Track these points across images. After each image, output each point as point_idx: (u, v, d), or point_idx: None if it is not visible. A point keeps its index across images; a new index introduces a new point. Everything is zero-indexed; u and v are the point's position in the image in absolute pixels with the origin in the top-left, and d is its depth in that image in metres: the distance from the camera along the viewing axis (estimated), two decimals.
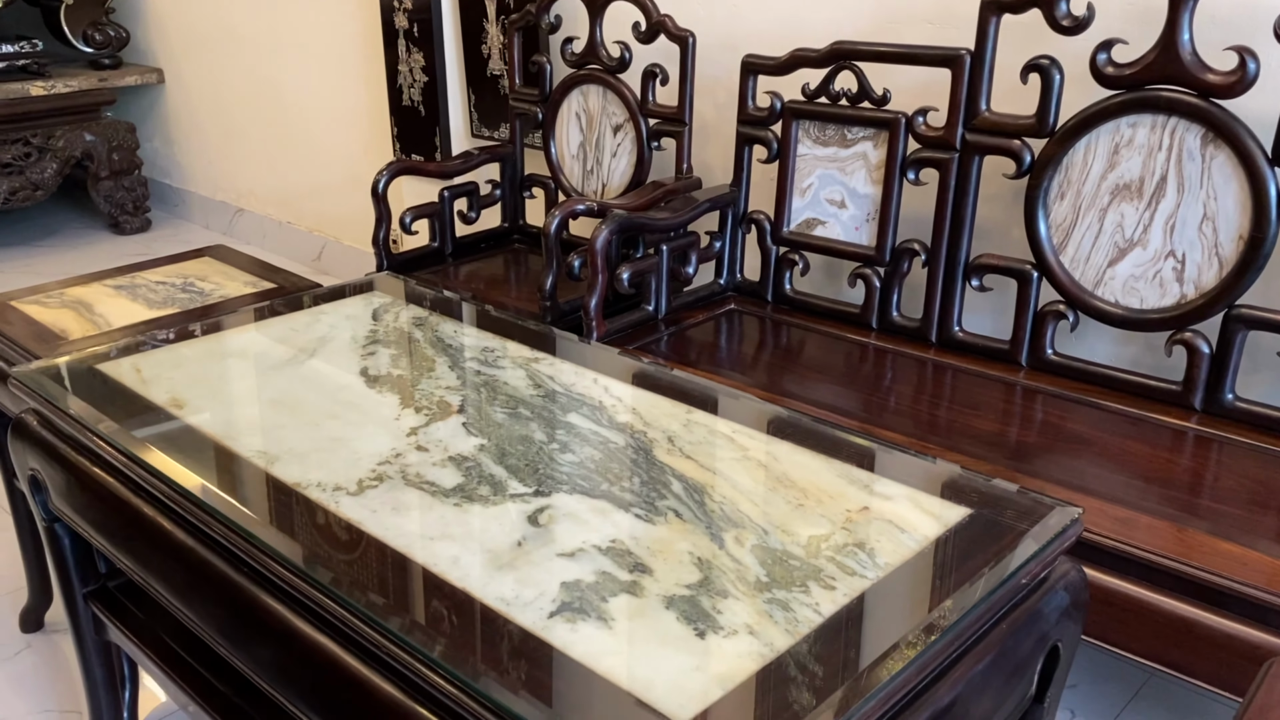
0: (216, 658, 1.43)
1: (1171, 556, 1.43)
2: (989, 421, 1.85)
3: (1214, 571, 1.40)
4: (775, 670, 0.88)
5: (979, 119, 1.96)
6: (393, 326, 1.64)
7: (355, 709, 0.98)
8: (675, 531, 1.08)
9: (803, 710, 0.83)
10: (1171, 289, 1.82)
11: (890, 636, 0.91)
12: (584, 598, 0.97)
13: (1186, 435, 1.79)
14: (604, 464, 1.21)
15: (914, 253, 2.10)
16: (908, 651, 0.89)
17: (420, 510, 1.12)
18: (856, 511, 1.11)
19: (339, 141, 3.72)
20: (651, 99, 2.45)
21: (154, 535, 1.23)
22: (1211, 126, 1.72)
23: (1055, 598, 1.08)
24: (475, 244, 2.76)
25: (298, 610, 1.05)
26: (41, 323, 1.77)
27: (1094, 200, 1.87)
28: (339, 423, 1.32)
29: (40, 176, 4.16)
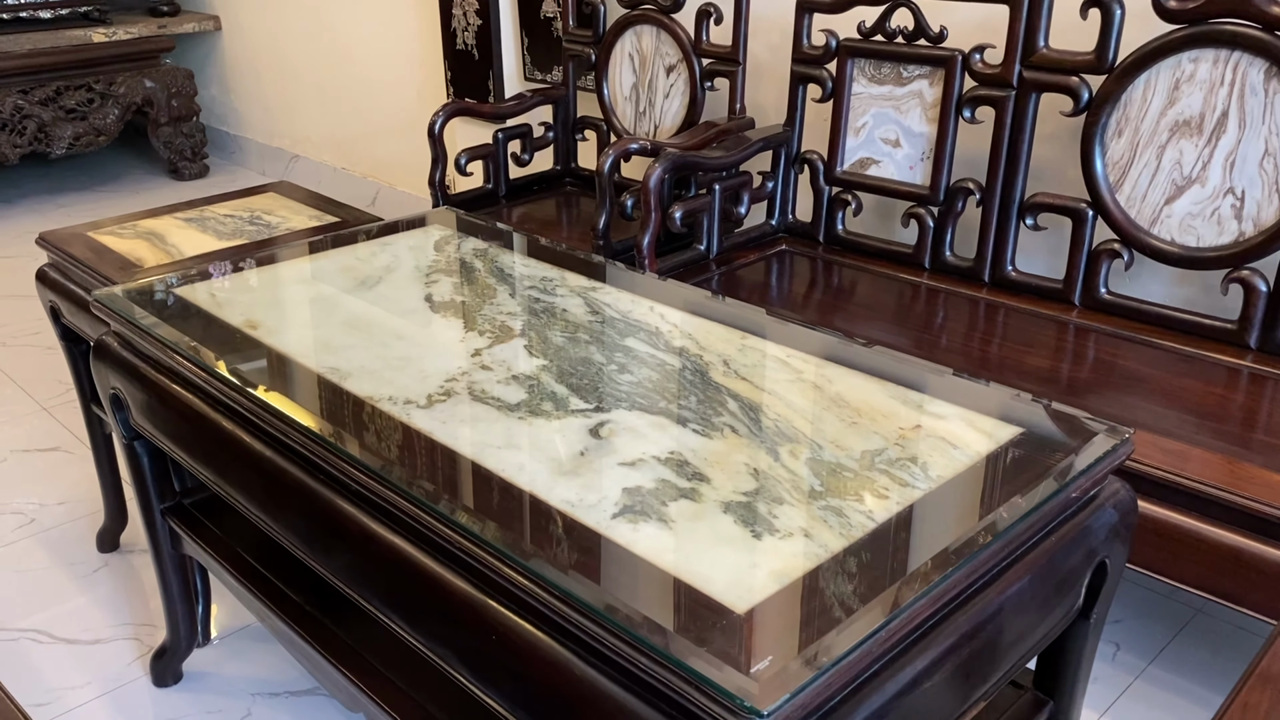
0: (287, 568, 1.51)
1: (1222, 487, 1.44)
2: (1042, 359, 1.86)
3: (1265, 502, 1.41)
4: (829, 569, 0.92)
5: (1037, 56, 1.95)
6: (453, 257, 1.68)
7: (429, 604, 1.04)
8: (731, 445, 1.11)
9: (855, 605, 0.87)
10: (1230, 226, 1.81)
11: (941, 542, 0.95)
12: (645, 502, 1.01)
13: (1241, 373, 1.79)
14: (661, 384, 1.25)
15: (969, 192, 2.10)
16: (956, 556, 0.92)
17: (487, 422, 1.17)
18: (909, 429, 1.14)
19: (393, 87, 3.76)
20: (705, 39, 2.45)
21: (233, 447, 1.29)
22: (1276, 61, 1.70)
23: (1104, 515, 1.11)
24: (528, 186, 2.80)
25: (372, 514, 1.10)
26: (117, 252, 1.84)
27: (1152, 137, 1.85)
28: (406, 344, 1.36)
29: (103, 122, 4.25)
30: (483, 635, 0.98)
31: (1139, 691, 1.75)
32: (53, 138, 4.13)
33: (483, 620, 0.98)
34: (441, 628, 1.03)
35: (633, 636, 0.84)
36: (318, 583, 1.47)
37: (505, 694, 0.97)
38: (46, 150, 4.14)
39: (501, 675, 0.97)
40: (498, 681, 0.97)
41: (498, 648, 0.96)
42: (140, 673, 1.80)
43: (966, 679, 0.96)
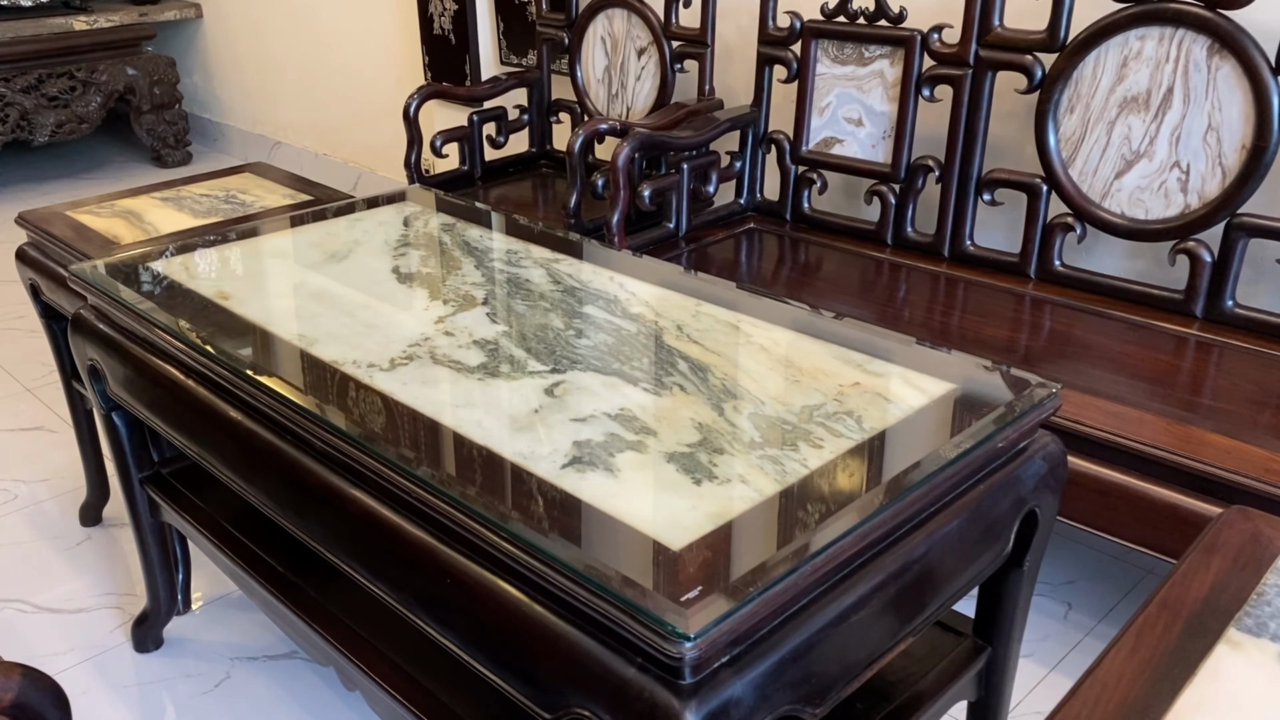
0: (262, 534, 1.56)
1: (1161, 447, 1.50)
2: (999, 330, 1.92)
3: (1203, 460, 1.47)
4: (762, 511, 0.98)
5: (992, 35, 2.01)
6: (422, 232, 1.73)
7: (390, 554, 1.09)
8: (679, 402, 1.17)
9: (783, 543, 0.92)
10: (1176, 199, 1.87)
11: (871, 488, 1.00)
12: (593, 453, 1.07)
13: (1188, 341, 1.85)
14: (616, 347, 1.30)
15: (928, 169, 2.15)
16: (880, 499, 0.98)
17: (447, 384, 1.22)
18: (849, 386, 1.20)
19: (373, 73, 3.80)
20: (675, 21, 2.50)
21: (206, 413, 1.34)
22: (1218, 37, 1.76)
23: (1033, 466, 1.17)
24: (504, 168, 2.84)
25: (338, 471, 1.15)
26: (95, 230, 1.88)
27: (1102, 113, 1.91)
28: (372, 312, 1.42)
29: (85, 110, 4.28)
30: (439, 580, 1.03)
31: (1088, 647, 1.81)
32: (35, 125, 4.16)
33: (439, 566, 1.03)
34: (401, 575, 1.09)
35: (575, 573, 0.90)
36: (291, 547, 1.52)
37: (460, 634, 1.02)
38: (29, 138, 4.17)
39: (456, 617, 1.02)
40: (453, 623, 1.03)
41: (453, 590, 1.02)
42: (122, 639, 1.86)
43: (895, 615, 1.02)
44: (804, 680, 0.92)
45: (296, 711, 1.70)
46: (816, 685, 0.93)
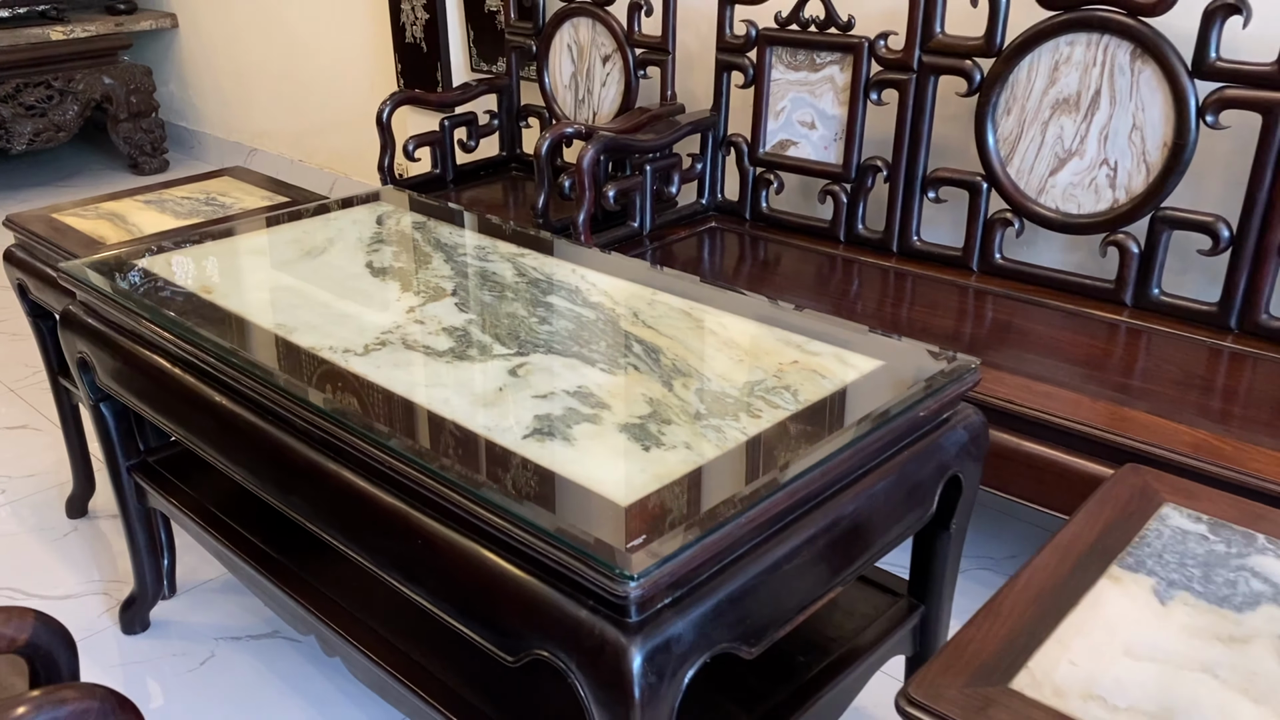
0: (243, 513, 1.65)
1: (1093, 425, 1.61)
2: (945, 320, 2.04)
3: (1133, 437, 1.58)
4: (704, 472, 1.08)
5: (934, 41, 2.12)
6: (395, 229, 1.83)
7: (365, 521, 1.19)
8: (632, 380, 1.27)
9: (720, 498, 1.03)
10: (1105, 194, 1.99)
11: (799, 450, 1.11)
12: (552, 425, 1.17)
13: (1119, 328, 1.97)
14: (576, 332, 1.40)
15: (877, 169, 2.27)
16: (810, 460, 1.09)
17: (417, 366, 1.32)
18: (787, 364, 1.30)
19: (346, 80, 3.89)
20: (638, 30, 2.61)
21: (192, 398, 1.43)
22: (1140, 43, 1.88)
23: (955, 435, 1.28)
24: (475, 171, 2.94)
25: (316, 447, 1.25)
26: (81, 231, 1.96)
27: (1037, 114, 2.03)
28: (347, 303, 1.51)
29: (62, 118, 4.34)
30: (410, 542, 1.13)
31: None
32: (12, 134, 4.22)
33: (410, 529, 1.13)
34: (377, 540, 1.18)
35: (534, 527, 1.00)
36: (272, 526, 1.62)
37: (430, 590, 1.12)
38: (7, 146, 4.23)
39: (427, 575, 1.12)
40: (424, 580, 1.13)
41: (423, 551, 1.11)
42: (110, 623, 1.94)
43: (826, 566, 1.12)
44: (740, 621, 1.03)
45: (277, 684, 1.78)
46: (752, 626, 1.04)
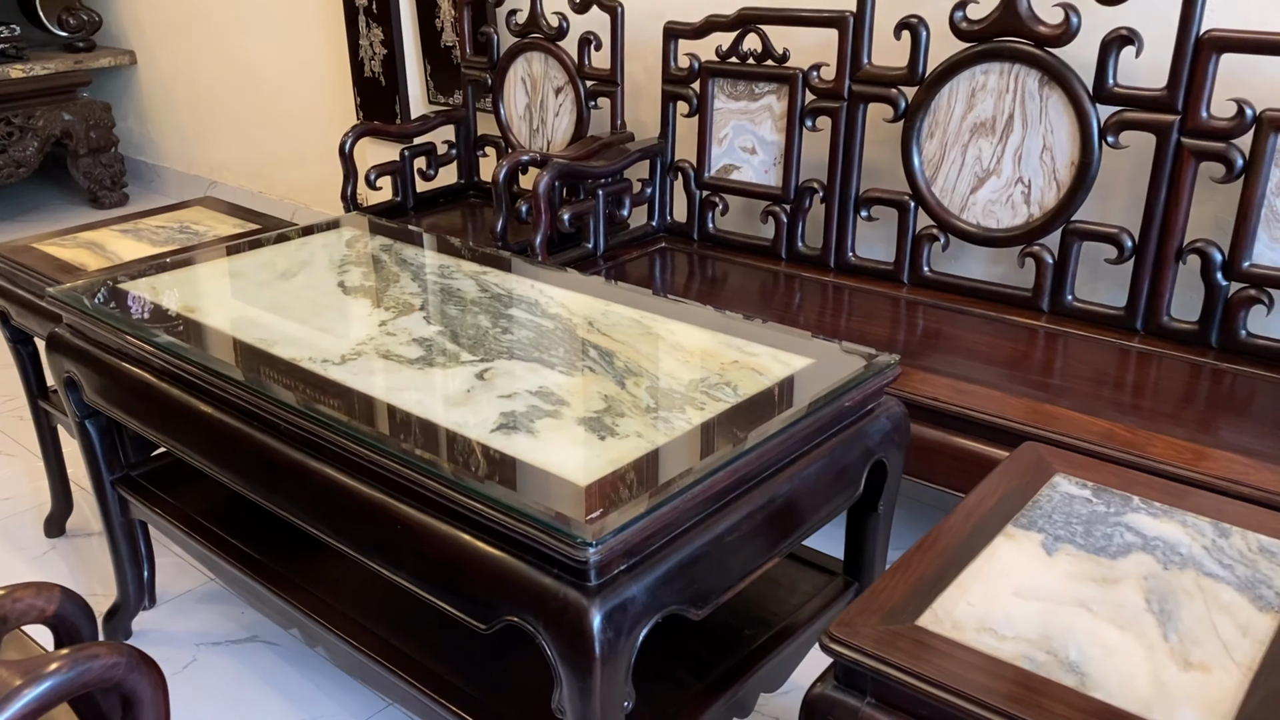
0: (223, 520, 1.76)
1: (1006, 417, 1.77)
2: (880, 328, 2.19)
3: (1053, 430, 1.73)
4: (653, 456, 1.21)
5: (862, 72, 2.30)
6: (363, 252, 1.95)
7: (348, 512, 1.30)
8: (588, 381, 1.40)
9: (667, 478, 1.16)
10: (1021, 210, 2.16)
11: (740, 436, 1.25)
12: (517, 421, 1.30)
13: (1038, 332, 2.14)
14: (536, 340, 1.53)
15: (814, 190, 2.43)
16: (746, 444, 1.22)
17: (391, 373, 1.44)
18: (729, 364, 1.44)
19: (306, 113, 4.00)
20: (588, 63, 2.76)
21: (180, 409, 1.54)
22: (1046, 71, 2.06)
23: (879, 424, 1.42)
24: (434, 199, 3.07)
25: (301, 448, 1.36)
26: (62, 259, 2.06)
27: (957, 137, 2.20)
28: (322, 318, 1.63)
29: (23, 154, 4.40)
30: (389, 528, 1.25)
31: None
32: None
33: (390, 517, 1.25)
34: (358, 529, 1.30)
35: (505, 507, 1.13)
36: (251, 531, 1.72)
37: (409, 571, 1.24)
38: None
39: (406, 557, 1.24)
40: (403, 562, 1.24)
41: (402, 535, 1.23)
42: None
43: (764, 539, 1.26)
44: (688, 586, 1.16)
45: (258, 684, 1.88)
46: (699, 590, 1.17)
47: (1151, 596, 0.99)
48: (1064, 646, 0.93)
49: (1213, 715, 0.85)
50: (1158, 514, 1.13)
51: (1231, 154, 1.90)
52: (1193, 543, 1.08)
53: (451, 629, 1.44)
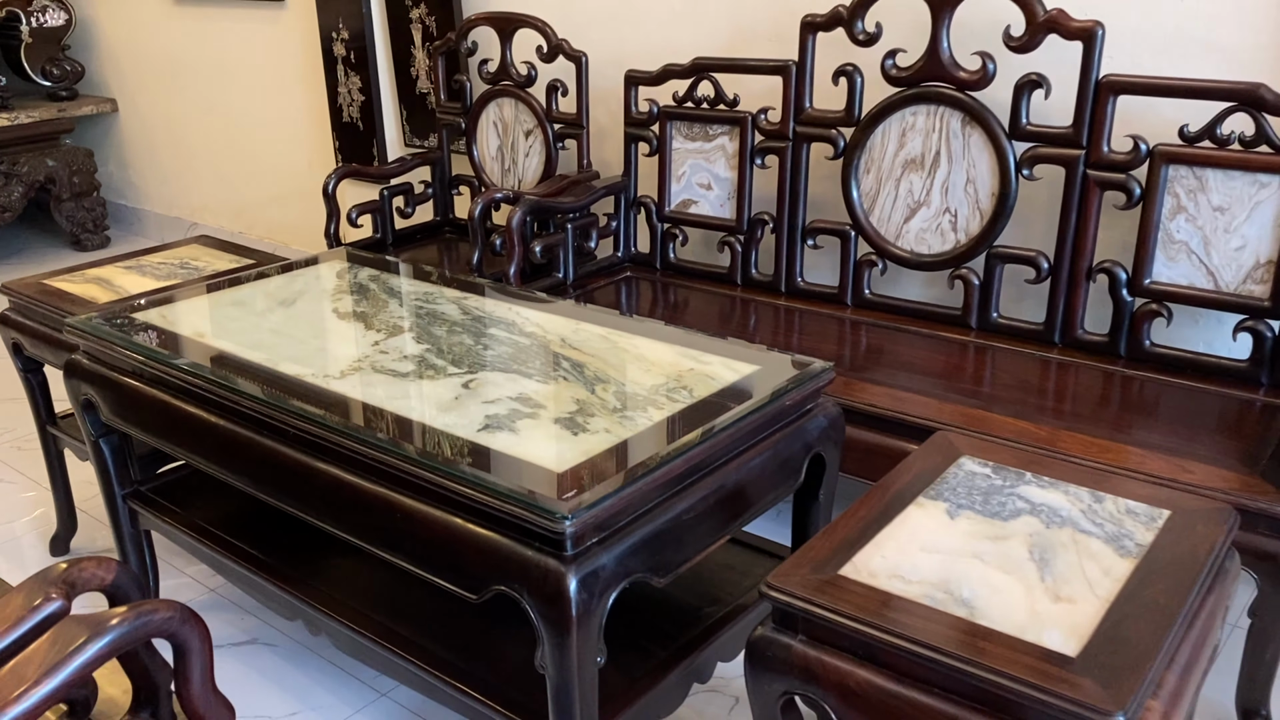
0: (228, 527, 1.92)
1: (937, 421, 1.97)
2: (828, 346, 2.40)
3: (969, 429, 1.94)
4: (621, 447, 1.41)
5: (805, 114, 2.53)
6: (352, 281, 2.14)
7: (352, 506, 1.48)
8: (562, 388, 1.60)
9: (631, 465, 1.35)
10: (949, 237, 2.39)
11: (694, 430, 1.44)
12: (500, 421, 1.49)
13: (968, 346, 2.36)
14: (515, 355, 1.73)
15: (765, 222, 2.65)
16: (699, 436, 1.42)
17: (385, 385, 1.63)
18: (685, 371, 1.64)
19: (285, 157, 4.19)
20: (555, 108, 2.98)
21: (193, 423, 1.71)
22: (968, 112, 2.30)
23: (817, 421, 1.62)
24: (412, 235, 3.26)
25: (307, 451, 1.54)
26: (73, 293, 2.23)
27: (890, 173, 2.43)
28: (320, 340, 1.81)
29: (7, 199, 4.55)
30: (390, 517, 1.43)
31: None
32: None
33: (390, 507, 1.43)
34: (361, 519, 1.48)
35: (493, 491, 1.31)
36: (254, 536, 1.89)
37: (408, 553, 1.42)
38: None
39: (405, 541, 1.42)
40: (402, 546, 1.43)
41: (402, 523, 1.42)
42: None
43: (718, 519, 1.45)
44: (651, 557, 1.35)
45: (259, 681, 2.04)
46: (660, 561, 1.36)
47: (1034, 549, 1.20)
48: (959, 588, 1.13)
49: (1073, 634, 1.05)
50: (1045, 486, 1.33)
51: (1130, 184, 2.14)
52: (1072, 507, 1.28)
53: (440, 613, 1.63)
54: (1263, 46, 2.10)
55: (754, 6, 2.76)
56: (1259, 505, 1.68)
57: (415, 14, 3.40)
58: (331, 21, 3.64)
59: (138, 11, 4.61)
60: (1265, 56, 2.11)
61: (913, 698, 1.05)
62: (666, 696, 1.51)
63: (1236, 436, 1.91)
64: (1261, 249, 2.03)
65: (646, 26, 2.98)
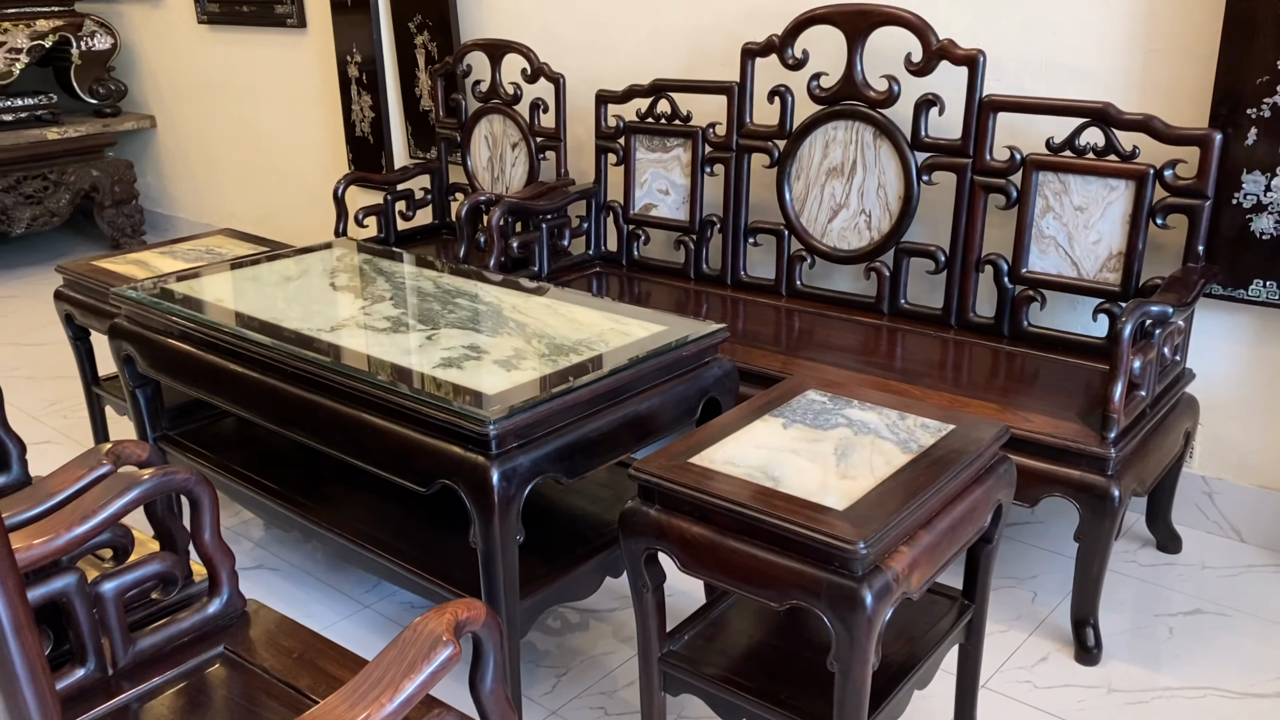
0: (240, 463, 2.33)
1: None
2: (767, 329, 2.78)
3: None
4: (543, 380, 1.79)
5: (745, 129, 2.92)
6: (349, 263, 2.55)
7: (337, 428, 1.88)
8: (505, 340, 1.99)
9: (556, 390, 1.74)
10: (865, 235, 2.77)
11: (601, 368, 1.83)
12: (451, 362, 1.88)
13: (880, 329, 2.73)
14: (472, 318, 2.12)
15: (713, 223, 3.04)
16: (605, 372, 1.81)
17: (366, 337, 2.03)
18: (606, 329, 2.03)
19: (304, 167, 4.63)
20: (537, 123, 3.39)
21: (216, 370, 2.12)
22: (878, 126, 2.68)
23: (712, 372, 2.00)
24: (412, 235, 3.68)
25: (307, 387, 1.94)
26: (117, 272, 2.65)
27: (816, 179, 2.82)
28: (319, 305, 2.22)
29: (56, 206, 5.03)
30: (364, 433, 1.82)
31: None
32: (13, 219, 4.89)
33: (364, 425, 1.83)
34: (343, 436, 1.87)
35: (439, 406, 1.70)
36: (269, 469, 2.29)
37: (376, 460, 1.81)
38: (8, 230, 4.89)
39: (375, 452, 1.81)
40: (373, 456, 1.82)
41: (372, 436, 1.81)
42: None
43: (621, 440, 1.83)
44: (561, 463, 1.73)
45: (263, 597, 2.43)
46: (568, 467, 1.75)
47: (838, 448, 1.57)
48: (773, 470, 1.50)
49: (846, 498, 1.42)
50: (866, 409, 1.70)
51: (1009, 188, 2.51)
52: (880, 422, 1.65)
53: (401, 521, 2.02)
54: (1119, 71, 2.48)
55: (707, 35, 3.16)
56: (1079, 446, 2.04)
57: (419, 40, 3.83)
58: (346, 47, 4.09)
59: (175, 37, 5.08)
60: (1119, 80, 2.48)
61: (729, 544, 1.43)
62: (581, 582, 1.90)
63: (1085, 399, 2.27)
64: (1114, 243, 2.40)
65: (617, 52, 3.39)
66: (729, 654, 1.62)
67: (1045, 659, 2.14)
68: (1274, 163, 2.22)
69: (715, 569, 1.46)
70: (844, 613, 1.33)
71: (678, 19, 3.22)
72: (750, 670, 1.59)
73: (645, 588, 1.56)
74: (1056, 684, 2.07)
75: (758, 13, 2.99)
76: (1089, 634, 2.13)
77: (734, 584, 1.45)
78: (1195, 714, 1.98)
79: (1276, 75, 2.17)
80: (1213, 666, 2.10)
